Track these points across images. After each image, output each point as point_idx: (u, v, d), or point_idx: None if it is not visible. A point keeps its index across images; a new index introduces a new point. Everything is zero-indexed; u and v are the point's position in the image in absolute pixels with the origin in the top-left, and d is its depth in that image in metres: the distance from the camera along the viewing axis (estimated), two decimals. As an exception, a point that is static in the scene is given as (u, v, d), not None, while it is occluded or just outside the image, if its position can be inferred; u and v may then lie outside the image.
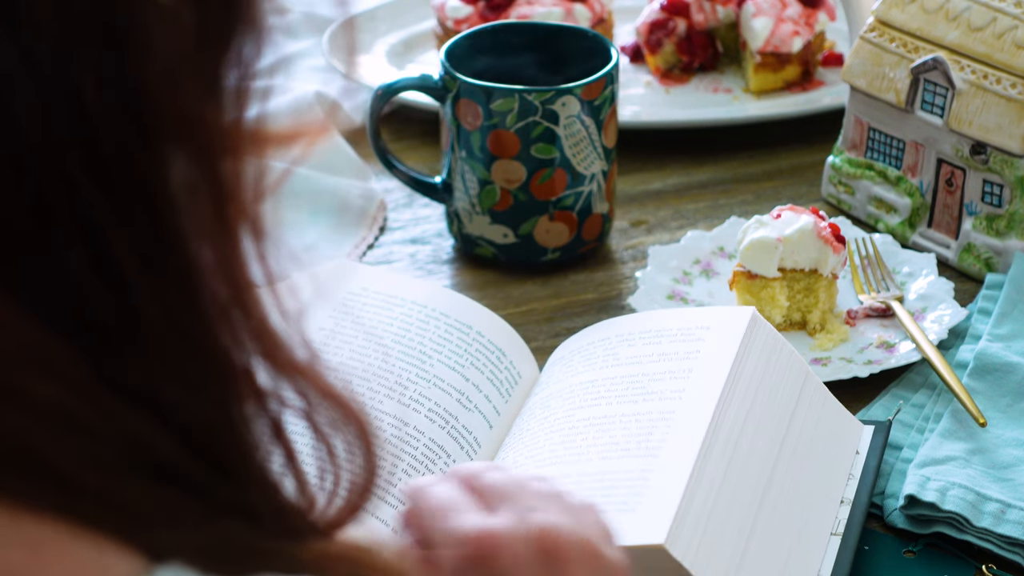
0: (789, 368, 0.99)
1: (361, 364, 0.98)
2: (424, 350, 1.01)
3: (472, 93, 1.17)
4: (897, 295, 1.15)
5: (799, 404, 0.98)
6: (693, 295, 1.17)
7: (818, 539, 0.93)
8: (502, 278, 1.22)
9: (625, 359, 1.00)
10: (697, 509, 0.86)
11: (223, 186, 0.51)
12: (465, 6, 1.45)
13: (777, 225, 1.12)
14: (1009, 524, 0.95)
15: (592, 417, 0.95)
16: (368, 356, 1.00)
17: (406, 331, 1.02)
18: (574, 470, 0.91)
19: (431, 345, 1.02)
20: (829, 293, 1.14)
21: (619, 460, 0.90)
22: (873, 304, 1.15)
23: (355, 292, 1.04)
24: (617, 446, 0.91)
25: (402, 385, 0.98)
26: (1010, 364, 1.07)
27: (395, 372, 0.99)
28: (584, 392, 0.98)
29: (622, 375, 0.98)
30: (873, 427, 1.02)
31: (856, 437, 1.01)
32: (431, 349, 1.01)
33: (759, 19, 1.43)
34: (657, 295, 1.16)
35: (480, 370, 1.02)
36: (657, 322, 1.03)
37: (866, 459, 0.99)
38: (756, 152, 1.39)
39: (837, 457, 0.99)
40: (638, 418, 0.93)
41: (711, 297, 1.17)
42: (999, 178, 1.19)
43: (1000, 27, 1.18)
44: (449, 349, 1.02)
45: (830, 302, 1.14)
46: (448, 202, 1.23)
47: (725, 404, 0.93)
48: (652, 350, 0.99)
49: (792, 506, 0.93)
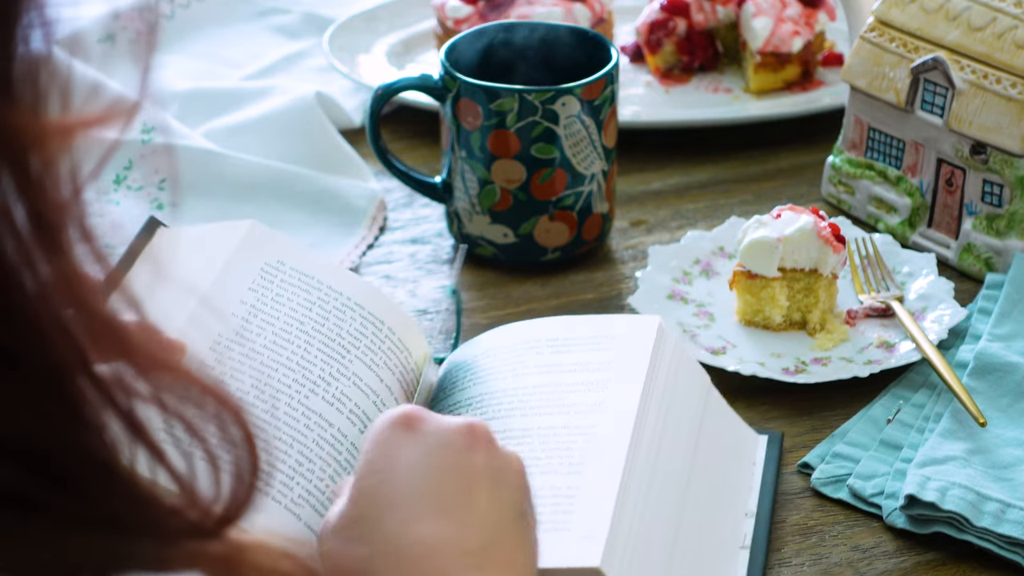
0: (694, 380, 0.98)
1: (285, 352, 0.92)
2: (343, 343, 0.95)
3: (472, 93, 1.17)
4: (897, 295, 1.15)
5: (705, 417, 0.97)
6: (693, 295, 1.17)
7: (731, 554, 0.92)
8: (502, 278, 1.22)
9: (534, 367, 0.96)
10: (626, 529, 0.84)
11: (36, 189, 0.48)
12: (465, 6, 1.45)
13: (777, 225, 1.12)
14: (1009, 524, 0.95)
15: (508, 429, 0.91)
16: (292, 344, 0.93)
17: (325, 320, 0.96)
18: None
19: (349, 339, 0.95)
20: (829, 293, 1.14)
21: (542, 476, 0.86)
22: (873, 304, 1.15)
23: (272, 264, 0.97)
24: (538, 461, 0.88)
25: (325, 381, 0.92)
26: (1010, 364, 1.07)
27: (318, 366, 0.93)
28: (496, 402, 0.95)
29: (534, 385, 0.95)
30: (767, 437, 1.01)
31: (753, 449, 1.00)
32: (349, 343, 0.95)
33: (759, 19, 1.43)
34: (657, 295, 1.16)
35: (391, 371, 0.96)
36: (563, 330, 0.99)
37: (763, 471, 0.99)
38: (756, 152, 1.39)
39: (739, 470, 0.98)
40: (556, 432, 0.90)
41: (711, 297, 1.17)
42: (999, 178, 1.19)
43: (1000, 27, 1.18)
44: (365, 345, 0.96)
45: (830, 302, 1.14)
46: (448, 202, 1.23)
47: (643, 418, 0.91)
48: (563, 359, 0.96)
49: (706, 521, 0.92)
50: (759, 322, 1.14)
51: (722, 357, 1.10)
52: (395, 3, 1.57)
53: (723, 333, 1.13)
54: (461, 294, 1.19)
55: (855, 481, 1.00)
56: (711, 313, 1.15)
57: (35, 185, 0.48)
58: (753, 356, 1.11)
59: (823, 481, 1.01)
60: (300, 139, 1.34)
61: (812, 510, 0.98)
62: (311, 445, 0.88)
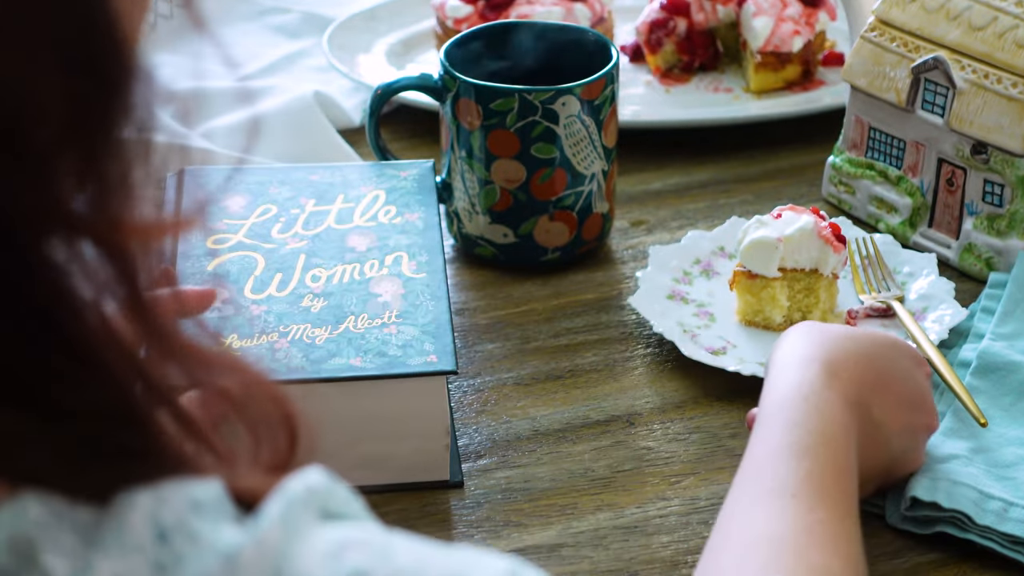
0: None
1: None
2: None
3: (472, 93, 1.17)
4: (898, 295, 1.15)
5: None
6: (693, 295, 1.17)
7: None
8: (502, 278, 1.22)
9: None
10: None
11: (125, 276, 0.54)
12: (465, 6, 1.45)
13: (777, 225, 1.12)
14: (1012, 522, 0.95)
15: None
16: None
17: None
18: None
19: None
20: (830, 293, 1.13)
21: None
22: (874, 304, 1.14)
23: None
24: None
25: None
26: (1013, 363, 1.07)
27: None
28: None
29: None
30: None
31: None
32: None
33: (759, 18, 1.43)
34: (657, 295, 1.15)
35: None
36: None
37: None
38: (756, 152, 1.39)
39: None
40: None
41: (711, 297, 1.16)
42: (1000, 178, 1.19)
43: (1001, 26, 1.18)
44: None
45: (831, 302, 1.14)
46: (448, 202, 1.23)
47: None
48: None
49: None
50: (760, 322, 1.14)
51: (723, 357, 1.09)
52: (395, 3, 1.57)
53: (724, 333, 1.13)
54: (461, 295, 1.19)
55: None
56: (712, 313, 1.15)
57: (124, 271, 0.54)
58: (754, 356, 1.10)
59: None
60: (299, 139, 1.34)
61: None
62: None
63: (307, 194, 1.14)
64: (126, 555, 0.52)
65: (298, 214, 1.11)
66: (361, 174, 1.17)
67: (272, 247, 1.08)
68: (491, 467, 1.03)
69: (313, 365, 0.97)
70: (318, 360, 0.98)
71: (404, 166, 1.18)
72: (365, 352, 0.98)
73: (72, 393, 0.52)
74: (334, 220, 1.11)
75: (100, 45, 0.52)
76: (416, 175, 1.16)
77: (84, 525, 0.52)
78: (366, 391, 0.98)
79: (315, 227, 1.10)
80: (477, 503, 1.00)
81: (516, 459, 1.03)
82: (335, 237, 1.09)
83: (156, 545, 0.52)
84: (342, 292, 1.04)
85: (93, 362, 0.53)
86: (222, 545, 0.53)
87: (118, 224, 0.53)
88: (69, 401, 0.52)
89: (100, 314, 0.53)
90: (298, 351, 0.98)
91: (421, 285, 1.04)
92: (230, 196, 1.13)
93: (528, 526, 0.98)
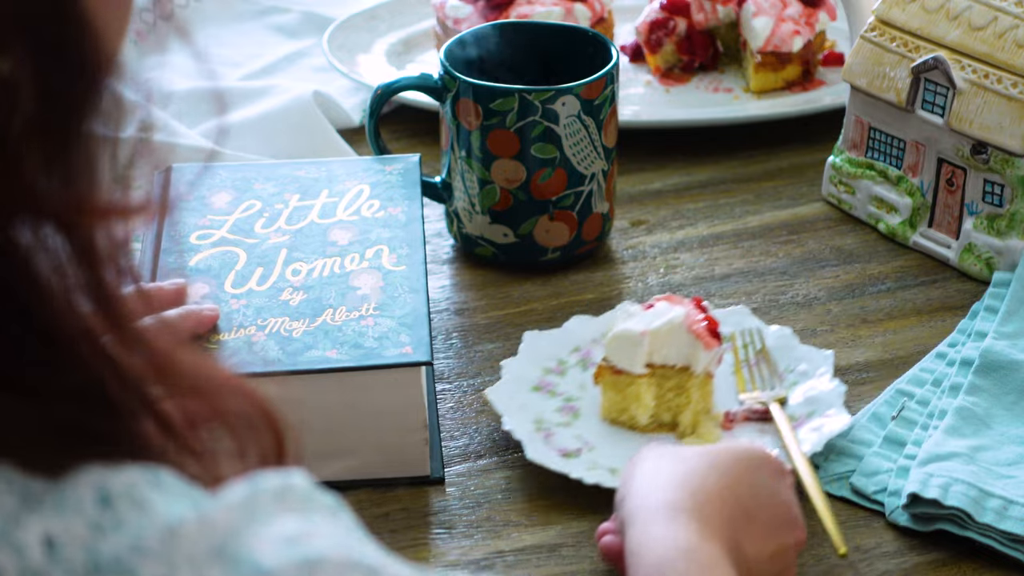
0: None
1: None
2: None
3: (472, 93, 1.17)
4: (780, 396, 1.05)
5: None
6: (563, 387, 1.07)
7: None
8: (502, 278, 1.22)
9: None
10: None
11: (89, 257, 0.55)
12: (465, 5, 1.45)
13: (646, 316, 1.03)
14: (1011, 520, 0.95)
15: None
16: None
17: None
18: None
19: None
20: (703, 393, 1.03)
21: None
22: (752, 406, 1.05)
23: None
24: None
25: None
26: (1016, 362, 1.07)
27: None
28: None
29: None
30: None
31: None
32: None
33: (759, 18, 1.43)
34: (522, 386, 1.07)
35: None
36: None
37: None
38: (756, 152, 1.39)
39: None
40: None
41: (582, 391, 1.07)
42: (1000, 178, 1.19)
43: (1001, 26, 1.18)
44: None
45: (704, 403, 1.04)
46: (448, 202, 1.23)
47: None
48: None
49: None
50: (625, 421, 1.04)
51: (573, 461, 1.01)
52: (395, 2, 1.57)
53: (584, 432, 1.04)
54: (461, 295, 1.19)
55: (857, 478, 1.00)
56: (577, 409, 1.06)
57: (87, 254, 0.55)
58: (608, 461, 1.01)
59: (825, 480, 1.00)
60: (299, 138, 1.34)
61: (812, 510, 0.98)
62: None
63: (292, 189, 1.14)
64: (62, 515, 0.53)
65: (282, 209, 1.12)
66: (346, 169, 1.17)
67: (254, 242, 1.08)
68: (491, 467, 1.03)
69: (289, 357, 0.97)
70: (294, 352, 0.98)
71: (390, 160, 1.18)
72: (341, 344, 0.98)
73: (35, 369, 0.53)
74: (317, 215, 1.11)
75: (72, 36, 0.53)
76: (401, 169, 1.17)
77: (32, 492, 0.53)
78: (341, 383, 0.98)
79: (298, 222, 1.11)
80: (477, 503, 1.00)
81: (516, 459, 1.03)
82: (317, 231, 1.09)
83: (97, 508, 0.53)
84: (322, 285, 1.04)
85: (59, 341, 0.54)
86: (168, 515, 0.53)
87: (80, 207, 0.54)
88: (32, 378, 0.53)
89: (68, 298, 0.54)
90: (275, 344, 0.98)
91: (400, 278, 1.04)
92: (215, 192, 1.13)
93: (528, 526, 0.98)
